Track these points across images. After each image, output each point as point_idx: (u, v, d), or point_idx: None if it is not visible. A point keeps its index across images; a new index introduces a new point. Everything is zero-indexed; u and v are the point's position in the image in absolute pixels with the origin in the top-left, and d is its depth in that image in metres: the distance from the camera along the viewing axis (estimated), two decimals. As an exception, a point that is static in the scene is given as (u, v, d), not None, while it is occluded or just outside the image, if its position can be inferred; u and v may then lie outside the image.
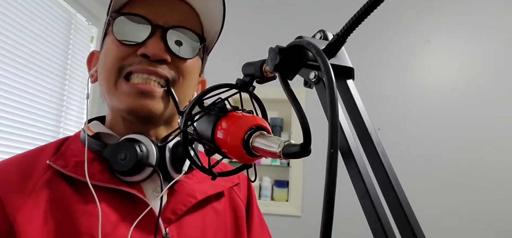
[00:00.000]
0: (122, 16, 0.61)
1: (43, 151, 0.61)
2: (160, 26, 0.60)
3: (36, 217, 0.53)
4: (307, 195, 2.53)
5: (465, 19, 2.55)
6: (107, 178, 0.58)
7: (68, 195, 0.56)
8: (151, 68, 0.59)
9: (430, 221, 2.30)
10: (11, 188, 0.55)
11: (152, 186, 0.62)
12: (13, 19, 1.77)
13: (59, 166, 0.57)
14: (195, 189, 0.64)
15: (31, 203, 0.54)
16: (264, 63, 0.41)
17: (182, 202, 0.61)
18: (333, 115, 0.29)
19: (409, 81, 2.56)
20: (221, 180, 0.70)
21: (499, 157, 2.37)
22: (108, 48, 0.62)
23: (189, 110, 0.45)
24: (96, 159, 0.60)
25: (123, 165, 0.57)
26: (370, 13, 0.31)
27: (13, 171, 0.57)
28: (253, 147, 0.37)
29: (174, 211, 0.60)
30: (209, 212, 0.65)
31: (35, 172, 0.57)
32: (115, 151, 0.58)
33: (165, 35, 0.60)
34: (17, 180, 0.56)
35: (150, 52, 0.58)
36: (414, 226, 0.31)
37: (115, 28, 0.61)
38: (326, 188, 0.27)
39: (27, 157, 0.60)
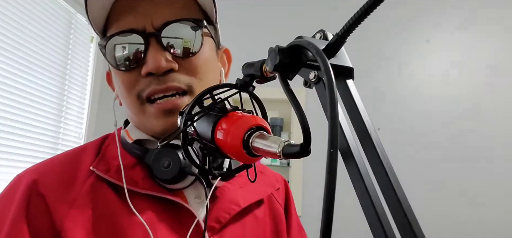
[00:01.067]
0: (109, 39, 0.56)
1: (85, 152, 0.60)
2: (150, 34, 0.55)
3: (82, 225, 0.52)
4: (307, 195, 2.53)
5: (465, 19, 2.55)
6: (149, 185, 0.56)
7: (112, 202, 0.54)
8: (162, 86, 0.55)
9: (430, 221, 2.30)
10: (57, 194, 0.53)
11: (194, 192, 0.60)
12: (13, 19, 1.77)
13: (101, 172, 0.55)
14: (237, 196, 0.62)
15: (77, 210, 0.52)
16: (264, 63, 0.41)
17: (225, 210, 0.59)
18: (333, 115, 0.28)
19: (409, 81, 2.56)
20: (262, 186, 0.67)
21: (499, 157, 2.37)
22: (115, 77, 0.59)
23: (189, 110, 0.45)
24: (137, 164, 0.58)
25: (167, 173, 0.55)
26: (370, 13, 0.31)
27: (56, 175, 0.55)
28: (253, 147, 0.37)
29: (218, 220, 0.58)
30: (250, 220, 0.63)
31: (78, 177, 0.56)
32: (157, 158, 0.55)
33: (160, 41, 0.55)
34: (61, 185, 0.54)
35: (153, 69, 0.54)
36: (414, 226, 0.30)
37: (108, 57, 0.57)
38: (326, 188, 0.27)
39: (68, 159, 0.59)
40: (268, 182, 0.69)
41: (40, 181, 0.54)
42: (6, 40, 1.73)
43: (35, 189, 0.53)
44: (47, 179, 0.55)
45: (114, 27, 0.57)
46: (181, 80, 0.56)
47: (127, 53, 0.56)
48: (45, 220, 0.52)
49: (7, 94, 1.76)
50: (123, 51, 0.56)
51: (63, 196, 0.53)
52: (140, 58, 0.55)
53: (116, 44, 0.56)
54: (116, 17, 0.57)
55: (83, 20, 2.30)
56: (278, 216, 0.68)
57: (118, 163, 0.57)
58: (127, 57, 0.56)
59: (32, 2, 1.87)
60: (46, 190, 0.53)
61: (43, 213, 0.52)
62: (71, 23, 2.20)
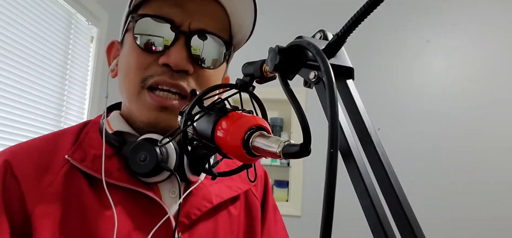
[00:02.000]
0: (146, 17, 0.57)
1: (62, 137, 0.60)
2: (183, 32, 0.57)
3: (52, 213, 0.52)
4: (307, 195, 2.53)
5: (465, 19, 2.55)
6: (124, 177, 0.56)
7: (85, 192, 0.55)
8: (173, 81, 0.56)
9: (430, 221, 2.30)
10: (30, 180, 0.54)
11: (168, 186, 0.60)
12: (13, 19, 1.77)
13: (76, 161, 0.55)
14: (211, 192, 0.62)
15: (48, 198, 0.53)
16: (264, 63, 0.41)
17: (197, 206, 0.59)
18: (333, 115, 0.29)
19: (409, 81, 2.56)
20: (238, 181, 0.67)
21: (499, 157, 2.37)
22: (129, 52, 0.59)
23: (189, 110, 0.45)
24: (114, 155, 0.58)
25: (143, 167, 0.55)
26: (370, 13, 0.31)
27: (31, 160, 0.56)
28: (253, 147, 0.37)
29: (188, 216, 0.58)
30: (223, 216, 0.63)
31: (54, 163, 0.56)
32: (134, 151, 0.56)
33: (189, 42, 0.57)
34: (36, 170, 0.55)
35: (172, 63, 0.55)
36: (414, 226, 0.30)
37: (136, 31, 0.58)
38: (326, 188, 0.27)
39: (45, 144, 0.59)
40: (245, 178, 0.69)
41: (15, 164, 0.55)
42: (6, 40, 1.74)
43: (10, 169, 0.54)
44: (23, 162, 0.55)
45: (154, 8, 0.58)
46: (190, 84, 0.58)
47: (154, 35, 0.57)
48: (18, 204, 0.52)
49: (7, 94, 1.76)
50: (151, 32, 0.57)
51: (36, 182, 0.54)
52: (163, 48, 0.57)
53: (149, 23, 0.57)
54: (156, 1, 0.58)
55: (83, 20, 2.30)
56: (254, 210, 0.68)
57: (95, 153, 0.57)
58: (152, 41, 0.57)
59: (32, 2, 1.87)
60: (21, 173, 0.54)
61: (17, 196, 0.53)
62: (71, 23, 2.20)
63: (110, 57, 0.67)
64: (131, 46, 0.59)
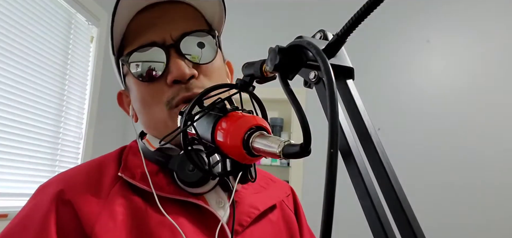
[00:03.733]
0: (133, 53, 0.59)
1: (106, 161, 0.61)
2: (170, 45, 0.58)
3: (114, 228, 0.52)
4: (307, 195, 2.53)
5: (465, 19, 2.55)
6: (174, 189, 0.58)
7: (141, 206, 0.56)
8: (189, 93, 0.58)
9: (430, 221, 2.30)
10: (85, 199, 0.54)
11: (214, 197, 0.62)
12: (13, 19, 1.77)
13: (128, 177, 0.57)
14: (255, 200, 0.64)
15: (107, 214, 0.53)
16: (264, 63, 0.41)
17: (247, 214, 0.61)
18: (333, 115, 0.28)
19: (409, 81, 2.56)
20: (275, 191, 0.70)
21: (499, 157, 2.37)
22: (140, 91, 0.61)
23: (189, 110, 0.45)
24: (160, 171, 0.59)
25: (192, 176, 0.56)
26: (370, 13, 0.31)
27: (81, 182, 0.56)
28: (253, 147, 0.37)
29: (240, 223, 0.60)
30: (266, 223, 0.65)
31: (104, 183, 0.57)
32: (183, 162, 0.57)
33: (179, 51, 0.58)
34: (89, 190, 0.55)
35: (178, 76, 0.57)
36: (414, 226, 0.30)
37: (133, 72, 0.60)
38: (326, 188, 0.27)
39: (92, 167, 0.60)
40: (280, 189, 0.73)
41: (67, 189, 0.55)
42: (6, 40, 1.74)
43: (62, 197, 0.54)
44: (73, 185, 0.55)
45: (135, 43, 0.60)
46: (203, 85, 0.59)
47: (151, 66, 0.59)
48: (75, 228, 0.52)
49: (7, 94, 1.76)
50: (146, 64, 0.59)
51: (91, 202, 0.54)
52: (163, 69, 0.58)
53: (140, 56, 0.59)
54: (134, 34, 0.60)
55: (83, 20, 2.30)
56: (290, 220, 0.71)
57: (142, 171, 0.58)
58: (151, 69, 0.59)
59: (32, 2, 1.87)
60: (73, 196, 0.54)
61: (72, 221, 0.52)
62: (71, 23, 2.20)
63: (124, 106, 0.69)
64: (138, 85, 0.61)
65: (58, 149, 2.12)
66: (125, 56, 0.60)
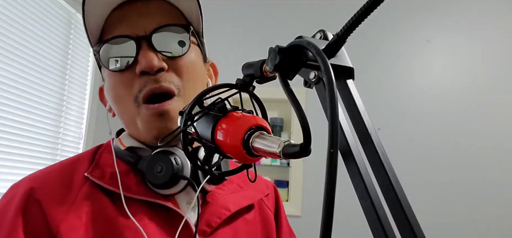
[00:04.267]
0: (104, 44, 0.60)
1: (79, 161, 0.62)
2: (142, 37, 0.58)
3: (79, 229, 0.53)
4: (307, 195, 2.53)
5: (465, 19, 2.55)
6: (143, 190, 0.58)
7: (108, 207, 0.56)
8: (156, 85, 0.58)
9: (430, 221, 2.30)
10: (53, 198, 0.55)
11: (185, 198, 0.62)
12: (13, 19, 1.77)
13: (96, 178, 0.57)
14: (228, 201, 0.64)
15: (73, 215, 0.54)
16: (264, 63, 0.41)
17: (216, 214, 0.61)
18: (333, 115, 0.28)
19: (409, 81, 2.56)
20: (252, 192, 0.69)
21: (499, 157, 2.37)
22: (110, 82, 0.62)
23: (189, 110, 0.45)
24: (130, 171, 0.60)
25: (160, 178, 0.56)
26: (370, 13, 0.31)
27: (52, 181, 0.57)
28: (253, 147, 0.37)
29: (209, 224, 0.60)
30: (240, 224, 0.65)
31: (74, 183, 0.57)
32: (151, 164, 0.57)
33: (151, 43, 0.58)
34: (57, 191, 0.56)
35: (146, 67, 0.57)
36: (414, 226, 0.30)
37: (103, 61, 0.60)
38: (326, 188, 0.27)
39: (64, 167, 0.60)
40: (258, 188, 0.72)
41: (37, 188, 0.56)
42: (6, 40, 1.73)
43: (32, 195, 0.55)
44: (44, 185, 0.56)
45: (109, 31, 0.61)
46: (172, 80, 0.59)
47: (121, 56, 0.59)
48: (41, 224, 0.53)
49: (7, 94, 1.76)
50: (116, 55, 0.60)
51: (59, 201, 0.55)
52: (133, 60, 0.59)
53: (110, 49, 0.60)
54: (110, 27, 0.61)
55: (83, 20, 2.30)
56: (268, 220, 0.70)
57: (112, 170, 0.58)
58: (120, 59, 0.59)
59: (32, 2, 1.87)
60: (43, 196, 0.55)
61: (40, 219, 0.53)
62: (71, 23, 2.20)
63: (104, 101, 0.69)
64: (110, 76, 0.61)
65: (58, 149, 2.12)
66: (96, 47, 0.61)
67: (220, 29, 2.62)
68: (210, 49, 0.72)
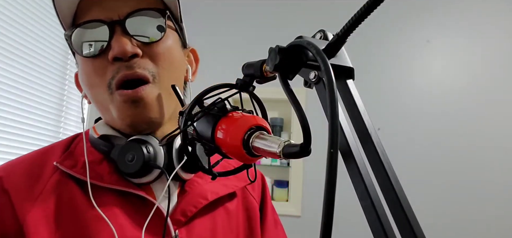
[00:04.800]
0: (76, 29, 0.58)
1: (52, 150, 0.61)
2: (115, 21, 0.56)
3: (46, 220, 0.53)
4: (307, 195, 2.53)
5: (465, 19, 2.55)
6: (115, 179, 0.57)
7: (77, 197, 0.55)
8: (130, 72, 0.56)
9: (430, 221, 2.30)
10: (20, 190, 0.55)
11: (162, 186, 0.60)
12: (13, 19, 1.77)
13: (66, 167, 0.57)
14: (206, 189, 0.62)
15: (40, 206, 0.53)
16: (264, 63, 0.41)
17: (192, 203, 0.60)
18: (333, 115, 0.28)
19: (409, 81, 2.56)
20: (234, 180, 0.67)
21: (498, 157, 2.37)
22: (83, 69, 0.60)
23: (189, 110, 0.45)
24: (104, 160, 0.59)
25: (131, 167, 0.56)
26: (370, 13, 0.31)
27: (21, 172, 0.57)
28: (253, 147, 0.37)
29: (184, 213, 0.59)
30: (220, 213, 0.63)
31: (44, 174, 0.57)
32: (122, 152, 0.57)
33: (124, 27, 0.56)
34: (26, 182, 0.55)
35: (119, 53, 0.55)
36: (414, 226, 0.31)
37: (75, 45, 0.58)
38: (326, 188, 0.27)
39: (35, 157, 0.60)
40: (241, 177, 0.69)
41: (5, 178, 0.55)
42: (6, 40, 1.73)
43: (1, 185, 0.55)
44: (12, 176, 0.56)
45: (81, 16, 0.58)
46: (146, 67, 0.57)
47: (94, 41, 0.57)
48: (9, 216, 0.53)
49: (7, 94, 1.76)
50: (89, 39, 0.58)
51: (27, 192, 0.55)
52: (106, 45, 0.57)
53: (83, 34, 0.58)
54: (83, 11, 0.58)
55: (83, 20, 2.30)
56: (252, 210, 0.68)
57: (84, 160, 0.57)
58: (94, 44, 0.57)
59: (32, 2, 1.87)
60: (11, 186, 0.55)
61: (7, 208, 0.53)
62: (71, 23, 2.20)
63: (80, 87, 0.67)
64: (82, 62, 0.60)
65: (58, 149, 2.12)
66: (68, 31, 0.59)
67: (220, 29, 2.62)
68: (210, 49, 0.72)
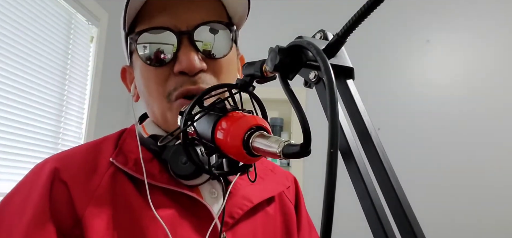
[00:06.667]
0: (143, 33, 0.57)
1: (105, 143, 0.61)
2: (184, 32, 0.56)
3: (103, 215, 0.53)
4: (307, 195, 2.52)
5: (465, 19, 2.55)
6: (166, 179, 0.57)
7: (131, 195, 0.55)
8: (193, 87, 0.56)
9: (430, 221, 2.30)
10: (79, 182, 0.54)
11: (208, 188, 0.61)
12: (13, 19, 1.77)
13: (120, 163, 0.56)
14: (249, 192, 0.62)
15: (98, 201, 0.53)
16: (264, 63, 0.41)
17: (239, 206, 0.60)
18: (333, 115, 0.28)
19: (409, 81, 2.56)
20: (273, 184, 0.68)
21: (498, 157, 2.37)
22: (142, 73, 0.60)
23: (189, 110, 0.45)
24: (154, 159, 0.58)
25: (185, 169, 0.56)
26: (370, 13, 0.31)
27: (78, 164, 0.56)
28: (253, 147, 0.37)
29: (231, 215, 0.59)
30: (261, 216, 0.64)
31: (99, 168, 0.56)
32: (176, 154, 0.56)
33: (193, 40, 0.56)
34: (83, 174, 0.55)
35: (186, 68, 0.55)
36: (414, 226, 0.30)
37: (139, 51, 0.58)
38: (326, 188, 0.27)
39: (89, 149, 0.60)
40: (279, 181, 0.70)
41: (63, 169, 0.55)
42: (6, 40, 1.73)
43: (58, 176, 0.54)
44: (69, 167, 0.55)
45: (146, 23, 0.58)
46: (208, 82, 0.58)
47: (160, 49, 0.57)
48: (67, 207, 0.52)
49: (7, 94, 1.76)
50: (155, 47, 0.57)
51: (84, 185, 0.54)
52: (171, 56, 0.56)
53: (148, 39, 0.57)
54: (148, 14, 0.58)
55: (83, 20, 2.30)
56: (288, 213, 0.69)
57: (135, 157, 0.57)
58: (159, 53, 0.57)
59: (32, 2, 1.87)
60: (69, 178, 0.54)
61: (65, 200, 0.53)
62: (71, 23, 2.20)
63: (127, 83, 0.68)
64: (142, 66, 0.59)
65: (58, 149, 2.12)
66: (134, 35, 0.58)
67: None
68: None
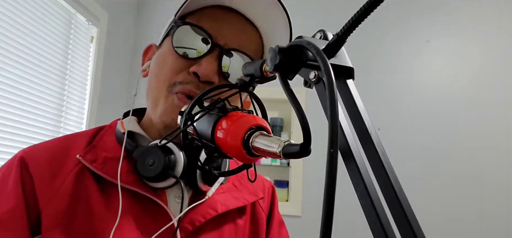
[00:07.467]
0: (186, 25, 0.60)
1: (78, 139, 0.62)
2: (218, 46, 0.59)
3: (61, 212, 0.54)
4: (307, 195, 2.53)
5: (465, 19, 2.55)
6: (132, 179, 0.57)
7: (94, 194, 0.56)
8: (197, 91, 0.58)
9: (430, 220, 2.30)
10: (43, 179, 0.55)
11: (175, 192, 0.61)
12: (13, 19, 1.77)
13: (87, 161, 0.57)
14: (217, 201, 0.62)
15: (58, 198, 0.55)
16: (264, 63, 0.41)
17: (202, 214, 0.60)
18: (333, 115, 0.28)
19: (409, 81, 2.56)
20: (246, 193, 0.68)
21: (498, 156, 2.37)
22: (164, 54, 0.62)
23: (189, 110, 0.45)
24: (124, 158, 0.59)
25: (150, 171, 0.56)
26: (370, 13, 0.31)
27: (44, 160, 0.57)
28: (253, 147, 0.37)
29: (192, 222, 0.59)
30: (228, 226, 0.63)
31: (65, 165, 0.57)
32: (144, 155, 0.57)
33: (221, 56, 0.59)
34: (48, 172, 0.56)
35: (202, 73, 0.57)
36: (414, 226, 0.30)
37: (175, 36, 0.60)
38: (326, 188, 0.27)
39: (58, 145, 0.60)
40: (253, 191, 0.70)
41: (30, 163, 0.56)
42: (6, 40, 1.73)
43: (26, 166, 0.56)
44: (37, 161, 0.57)
45: (195, 19, 0.61)
46: None
47: (191, 44, 0.60)
48: (32, 197, 0.54)
49: (7, 94, 1.76)
50: (189, 40, 0.60)
51: (49, 182, 0.55)
52: (196, 56, 0.59)
53: (189, 32, 0.60)
54: (204, 15, 0.61)
55: (83, 20, 2.30)
56: (260, 225, 0.69)
57: (106, 155, 0.58)
58: (189, 46, 0.60)
59: (32, 2, 1.87)
60: (35, 172, 0.56)
61: (32, 191, 0.55)
62: (71, 23, 2.20)
63: (145, 58, 0.70)
64: (168, 49, 0.61)
65: (58, 149, 2.12)
66: (179, 21, 0.61)
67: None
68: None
